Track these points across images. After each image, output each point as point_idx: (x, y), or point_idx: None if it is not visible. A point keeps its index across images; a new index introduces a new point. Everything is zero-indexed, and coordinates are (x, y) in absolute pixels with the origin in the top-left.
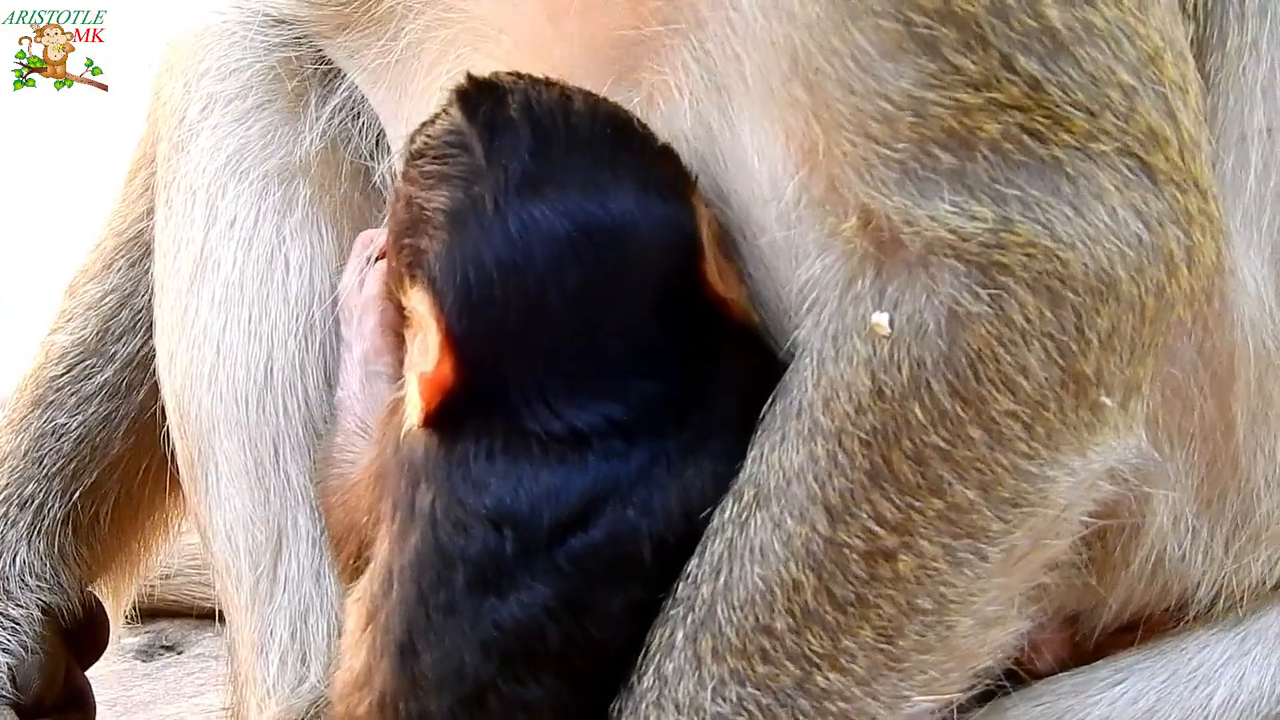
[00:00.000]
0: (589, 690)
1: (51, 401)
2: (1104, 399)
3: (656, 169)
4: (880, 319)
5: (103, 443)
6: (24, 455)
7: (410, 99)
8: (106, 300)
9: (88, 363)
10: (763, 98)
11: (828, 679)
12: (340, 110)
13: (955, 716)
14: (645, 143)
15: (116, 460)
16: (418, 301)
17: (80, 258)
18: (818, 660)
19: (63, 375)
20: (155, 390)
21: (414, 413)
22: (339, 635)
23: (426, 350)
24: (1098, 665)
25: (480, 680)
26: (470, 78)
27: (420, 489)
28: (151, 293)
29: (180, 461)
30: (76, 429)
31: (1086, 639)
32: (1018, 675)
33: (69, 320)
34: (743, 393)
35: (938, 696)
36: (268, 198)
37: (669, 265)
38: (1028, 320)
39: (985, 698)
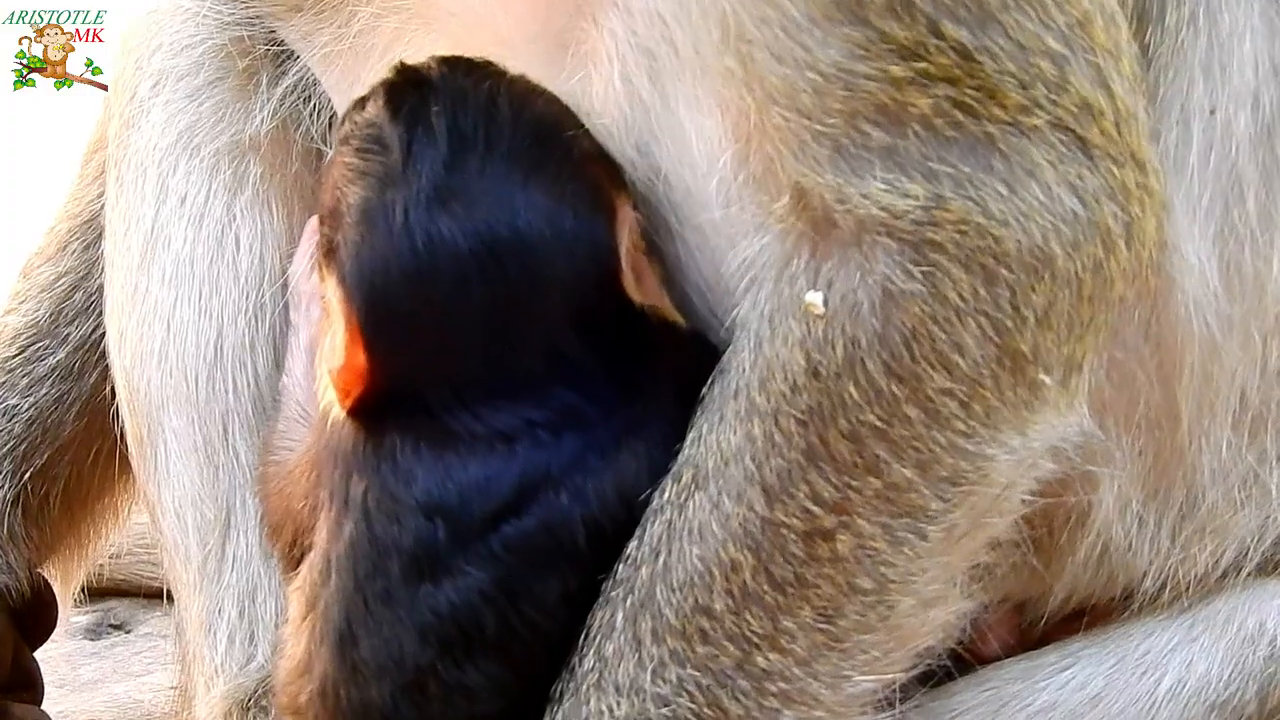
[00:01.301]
0: (529, 674)
1: (3, 383)
2: (1042, 377)
3: (576, 180)
4: (815, 298)
5: (54, 425)
6: None
7: (362, 85)
8: (60, 282)
9: (40, 345)
10: (694, 68)
11: (768, 659)
12: (292, 92)
13: (899, 698)
14: (569, 151)
15: (68, 443)
16: (330, 292)
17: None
18: (757, 641)
19: (15, 357)
20: (108, 373)
21: (333, 405)
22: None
23: (335, 345)
24: (1045, 651)
25: (420, 666)
26: (400, 69)
27: (352, 480)
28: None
29: (130, 439)
30: (28, 410)
31: (1033, 626)
32: (964, 660)
33: (22, 302)
34: (675, 384)
35: (879, 676)
36: (219, 175)
37: (580, 280)
38: (962, 298)
39: (931, 681)
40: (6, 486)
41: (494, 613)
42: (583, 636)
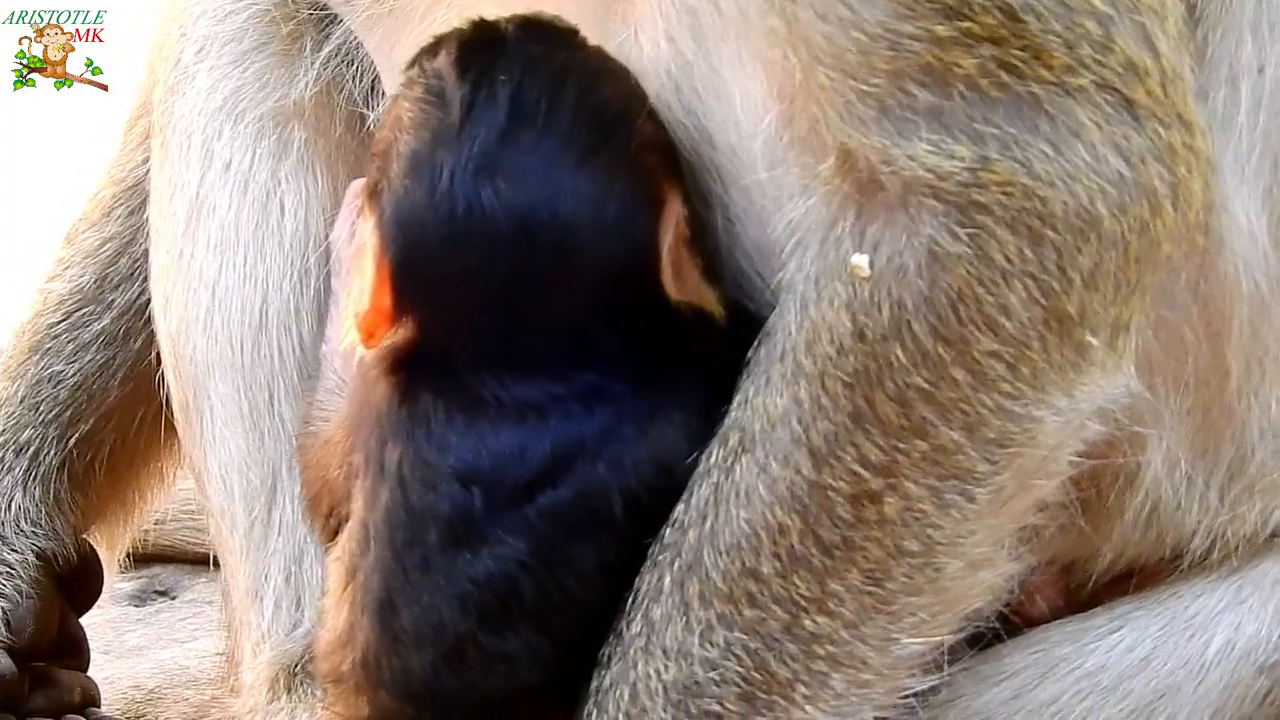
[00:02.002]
0: (568, 644)
1: (49, 349)
2: (1089, 338)
3: (627, 173)
4: (860, 261)
5: (99, 390)
6: (21, 401)
7: (404, 48)
8: (104, 248)
9: (85, 310)
10: (738, 27)
11: (815, 623)
12: (335, 56)
13: (947, 660)
14: (628, 141)
15: (113, 408)
16: (368, 233)
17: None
18: (805, 604)
19: (60, 323)
20: (152, 338)
21: (358, 350)
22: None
23: (363, 285)
24: (1094, 613)
25: (459, 634)
26: (477, 24)
27: (388, 446)
28: (149, 240)
29: (175, 405)
30: (73, 376)
31: (1081, 587)
32: (1011, 622)
33: (67, 268)
34: (710, 377)
35: (927, 639)
36: (263, 140)
37: (614, 272)
38: (1008, 260)
39: (979, 643)
40: (52, 453)
41: (532, 581)
42: (630, 600)
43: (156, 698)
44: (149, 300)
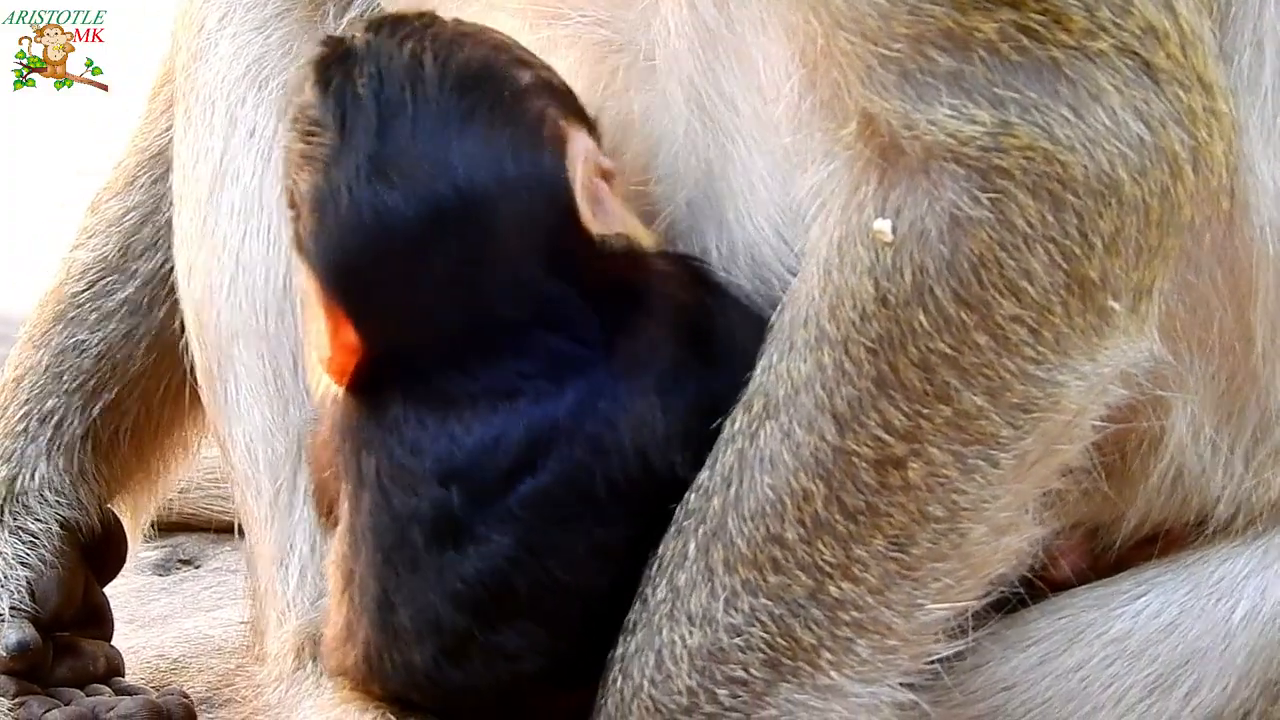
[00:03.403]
0: (569, 632)
1: (73, 318)
2: (1111, 303)
3: (513, 122)
4: (883, 225)
5: (123, 359)
6: (45, 370)
7: None
8: (128, 217)
9: (109, 279)
10: None
11: (840, 589)
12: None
13: (972, 625)
14: (502, 92)
15: (137, 377)
16: (305, 282)
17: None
18: (830, 570)
19: (84, 292)
20: (176, 308)
21: (331, 387)
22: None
23: (319, 331)
24: (1119, 578)
25: (456, 631)
26: (325, 41)
27: (363, 456)
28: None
29: (199, 373)
30: (97, 345)
31: (1106, 552)
32: (1036, 587)
33: (90, 237)
34: (665, 313)
35: (953, 604)
36: (288, 108)
37: (535, 220)
38: (1029, 225)
39: (1005, 608)
40: (76, 422)
41: (522, 575)
42: (654, 566)
43: (181, 667)
44: (173, 269)
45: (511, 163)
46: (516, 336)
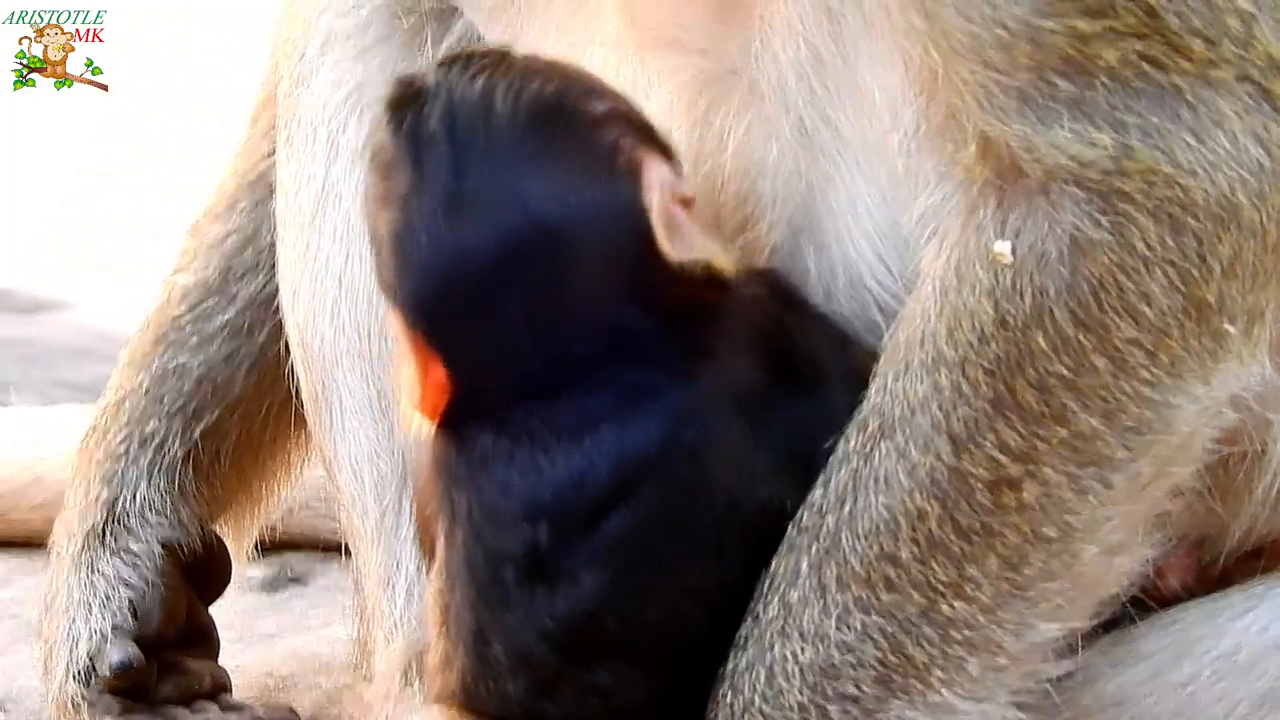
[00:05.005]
0: (661, 670)
1: (174, 340)
2: (1227, 326)
3: (585, 151)
4: (1003, 247)
5: (224, 382)
6: (146, 393)
7: (525, 39)
8: (229, 240)
9: (210, 302)
10: (880, 25)
11: (953, 607)
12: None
13: (1082, 644)
14: (573, 122)
15: (238, 400)
16: (393, 322)
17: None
18: (943, 589)
19: (185, 315)
20: (277, 330)
21: (424, 427)
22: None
23: (411, 376)
24: (1228, 593)
25: (549, 668)
26: (397, 83)
27: (454, 494)
28: (274, 232)
29: (304, 395)
30: (198, 368)
31: (1212, 564)
32: (1142, 602)
33: (192, 260)
34: (745, 338)
35: (1063, 624)
36: None
37: (613, 249)
38: (1149, 248)
39: (1113, 625)
40: (177, 443)
41: (613, 616)
42: (765, 584)
43: (289, 684)
44: (274, 292)
45: (586, 193)
46: (598, 369)
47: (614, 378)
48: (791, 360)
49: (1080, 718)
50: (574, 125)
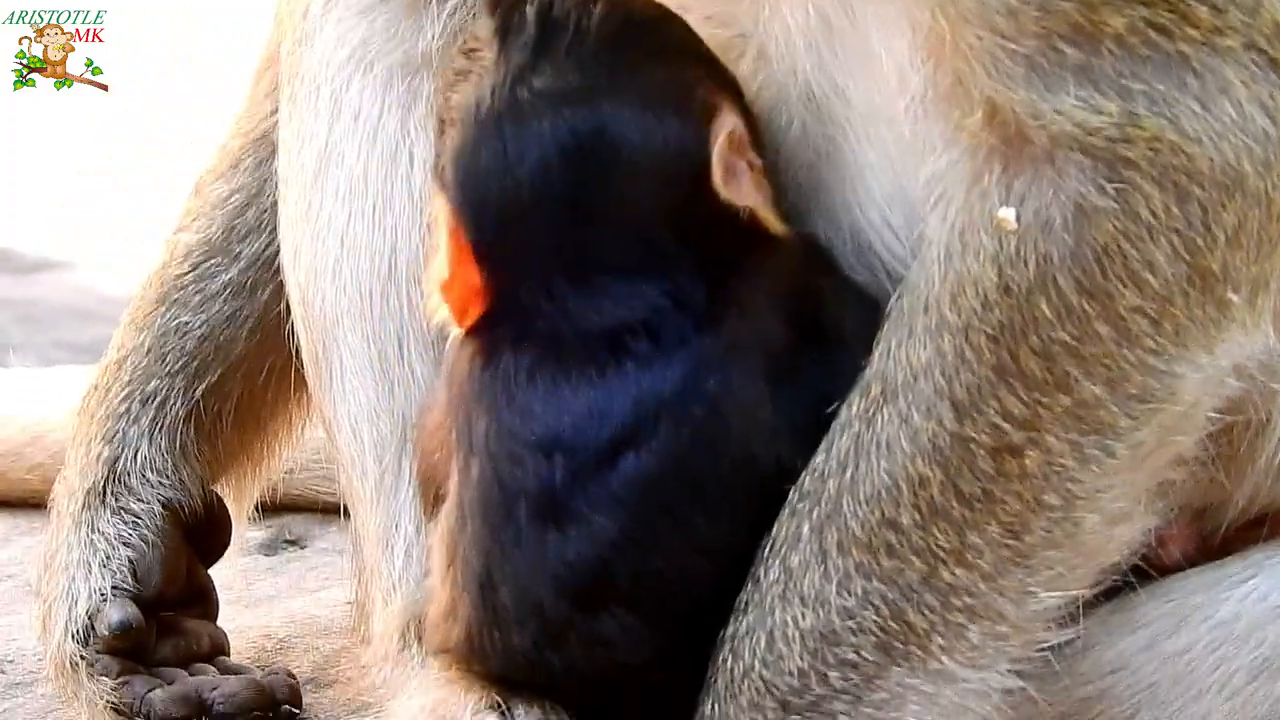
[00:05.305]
0: (668, 625)
1: (176, 299)
2: (1231, 295)
3: (669, 77)
4: (1007, 214)
5: (227, 341)
6: (147, 352)
7: None
8: (232, 199)
9: (213, 261)
10: None
11: (954, 574)
12: (462, 6)
13: (1082, 612)
14: (665, 47)
15: (240, 359)
16: (439, 207)
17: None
18: (944, 556)
19: (188, 274)
20: (280, 290)
21: (450, 324)
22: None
23: (443, 260)
24: (1227, 561)
25: (558, 616)
26: None
27: (474, 418)
28: (277, 191)
29: (305, 356)
30: (200, 327)
31: (1214, 534)
32: (1143, 570)
33: (194, 219)
34: (774, 293)
35: (1064, 592)
36: (392, 91)
37: (666, 175)
38: (1154, 216)
39: (1113, 593)
40: (179, 403)
41: (624, 563)
42: (768, 548)
43: (287, 647)
44: (277, 252)
45: (657, 110)
46: (630, 296)
47: (637, 301)
48: (819, 323)
49: (1078, 685)
50: (664, 50)
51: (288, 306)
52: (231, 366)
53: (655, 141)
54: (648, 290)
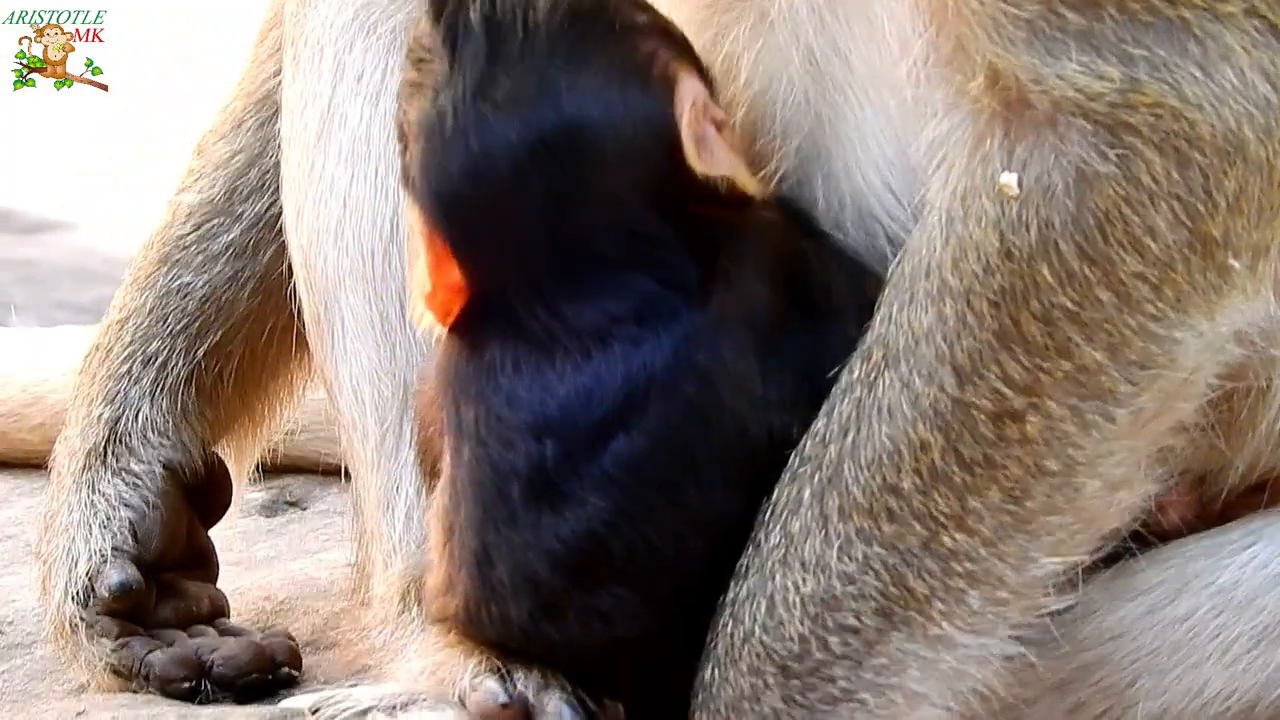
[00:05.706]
0: (664, 598)
1: (178, 260)
2: (1231, 261)
3: (622, 57)
4: (1009, 179)
5: (228, 302)
6: (149, 312)
7: None
8: (235, 160)
9: (215, 222)
10: None
11: (954, 539)
12: None
13: (1082, 578)
14: (613, 27)
15: (242, 320)
16: (413, 218)
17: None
18: (944, 521)
19: (189, 234)
20: (282, 250)
21: (435, 328)
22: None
23: (422, 269)
24: (1227, 528)
25: (554, 591)
26: None
27: (462, 407)
28: (279, 152)
29: (306, 317)
30: (202, 288)
31: (1214, 500)
32: (1143, 536)
33: (196, 179)
34: (759, 260)
35: (1064, 558)
36: (395, 52)
37: (638, 156)
38: (1155, 181)
39: (1113, 560)
40: (180, 363)
41: (618, 539)
42: (767, 513)
43: (286, 609)
44: (279, 212)
45: (618, 95)
46: (613, 280)
47: (628, 292)
48: (807, 289)
49: (1078, 651)
50: (613, 31)
51: (289, 267)
52: (233, 327)
53: (624, 128)
54: (637, 280)
